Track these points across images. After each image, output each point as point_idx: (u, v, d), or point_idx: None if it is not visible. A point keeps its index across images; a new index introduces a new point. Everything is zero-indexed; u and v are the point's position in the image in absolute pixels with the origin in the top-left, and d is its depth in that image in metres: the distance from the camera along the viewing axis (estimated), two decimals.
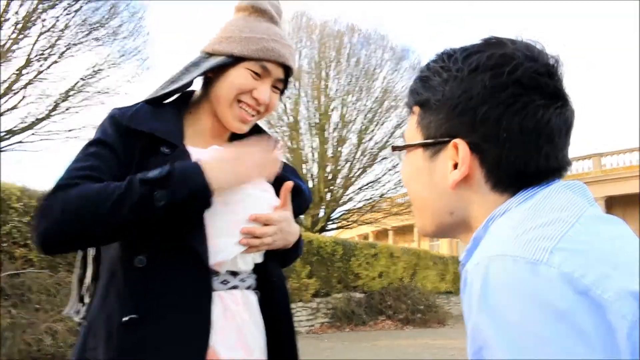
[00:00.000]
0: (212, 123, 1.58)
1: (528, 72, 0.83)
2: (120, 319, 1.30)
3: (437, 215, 0.94)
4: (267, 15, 1.57)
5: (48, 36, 16.09)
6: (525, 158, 0.84)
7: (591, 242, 0.72)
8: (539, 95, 0.83)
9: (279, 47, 1.52)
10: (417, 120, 0.94)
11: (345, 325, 14.26)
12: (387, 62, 24.47)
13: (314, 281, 13.77)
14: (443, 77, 0.89)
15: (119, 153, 1.40)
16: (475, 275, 0.73)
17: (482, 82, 0.84)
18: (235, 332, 1.41)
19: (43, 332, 6.63)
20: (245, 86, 1.50)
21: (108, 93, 17.61)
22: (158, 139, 1.42)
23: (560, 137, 0.85)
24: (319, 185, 22.99)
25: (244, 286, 1.49)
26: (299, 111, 23.58)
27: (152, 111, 1.48)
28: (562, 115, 0.85)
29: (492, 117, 0.83)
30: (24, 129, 16.22)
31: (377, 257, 16.31)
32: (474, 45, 0.90)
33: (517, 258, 0.69)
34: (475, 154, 0.86)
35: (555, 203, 0.80)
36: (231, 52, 1.50)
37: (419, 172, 0.94)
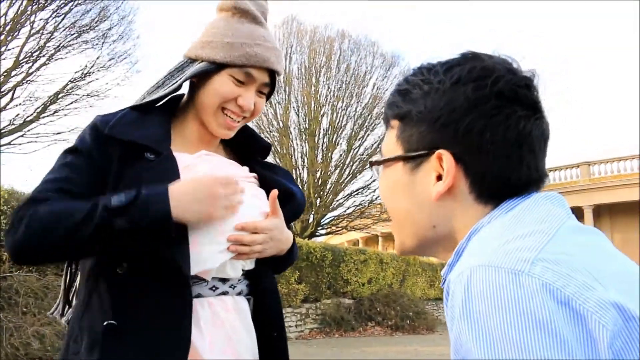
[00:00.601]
0: (199, 128, 1.55)
1: (509, 84, 0.85)
2: (100, 325, 1.30)
3: (418, 229, 0.94)
4: (250, 16, 1.51)
5: (37, 38, 16.03)
6: (509, 168, 0.85)
7: (571, 252, 0.72)
8: (519, 106, 0.85)
9: (263, 52, 1.48)
10: (397, 134, 0.94)
11: (335, 331, 14.24)
12: (377, 68, 24.62)
13: (303, 287, 13.75)
14: (424, 90, 0.90)
15: (95, 161, 1.38)
16: (457, 286, 0.73)
17: (465, 94, 0.85)
18: (225, 338, 1.39)
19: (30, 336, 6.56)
20: (228, 94, 1.47)
21: (97, 96, 17.55)
22: (141, 146, 1.39)
23: (540, 148, 0.87)
24: (309, 191, 22.99)
25: (234, 292, 1.47)
26: (289, 116, 23.62)
27: (136, 118, 1.46)
28: (540, 127, 0.87)
29: (475, 128, 0.84)
30: (12, 131, 16.10)
31: (366, 263, 16.31)
32: (453, 59, 0.91)
33: (499, 268, 0.69)
34: (459, 165, 0.86)
35: (536, 214, 0.81)
36: (213, 58, 1.46)
37: (400, 186, 0.94)
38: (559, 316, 0.64)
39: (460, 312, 0.70)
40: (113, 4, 17.55)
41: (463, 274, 0.73)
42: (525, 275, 0.67)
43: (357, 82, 24.00)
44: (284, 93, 23.59)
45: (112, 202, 1.27)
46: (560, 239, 0.74)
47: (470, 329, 0.68)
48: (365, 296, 16.01)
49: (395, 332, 15.13)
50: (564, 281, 0.67)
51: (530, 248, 0.71)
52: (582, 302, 0.65)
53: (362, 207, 24.62)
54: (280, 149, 23.64)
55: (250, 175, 1.59)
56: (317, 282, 14.51)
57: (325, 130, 23.79)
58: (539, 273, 0.67)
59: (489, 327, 0.66)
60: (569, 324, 0.64)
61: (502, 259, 0.70)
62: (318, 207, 23.39)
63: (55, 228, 1.27)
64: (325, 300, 14.79)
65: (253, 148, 1.68)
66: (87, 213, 1.26)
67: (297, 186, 1.66)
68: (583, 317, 0.64)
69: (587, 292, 0.66)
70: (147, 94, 1.55)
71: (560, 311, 0.65)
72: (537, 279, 0.67)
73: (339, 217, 24.91)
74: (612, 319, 0.65)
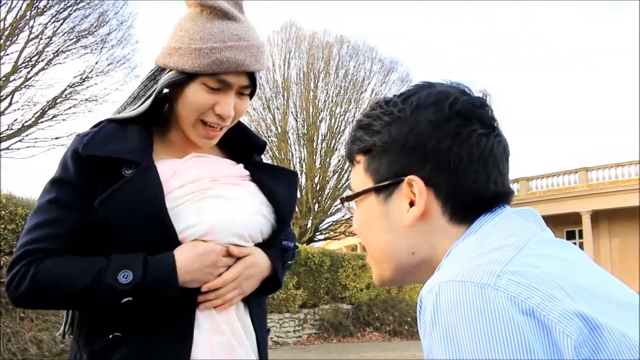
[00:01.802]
0: (183, 137, 1.48)
1: (466, 105, 0.88)
2: (104, 337, 1.30)
3: (397, 257, 0.94)
4: (220, 12, 1.37)
5: (36, 43, 16.05)
6: (477, 184, 0.86)
7: (537, 264, 0.73)
8: (478, 125, 0.87)
9: (236, 55, 1.34)
10: (364, 167, 0.95)
11: (333, 337, 14.22)
12: (375, 74, 24.70)
13: (302, 292, 13.73)
14: (385, 120, 0.92)
15: (79, 187, 1.33)
16: (427, 302, 0.74)
17: (427, 118, 0.88)
18: (225, 345, 1.38)
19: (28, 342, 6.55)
20: (203, 105, 1.37)
21: (96, 101, 17.59)
22: (118, 160, 1.33)
23: (503, 164, 0.90)
24: (307, 196, 23.00)
25: None
26: (287, 122, 23.66)
27: (113, 131, 1.39)
28: (500, 144, 0.89)
29: (442, 149, 0.86)
30: (10, 136, 16.10)
31: (364, 268, 16.29)
32: (408, 90, 0.94)
33: (466, 282, 0.70)
34: (429, 187, 0.87)
35: (504, 230, 0.82)
36: (182, 68, 1.35)
37: (375, 218, 0.95)
38: (525, 327, 0.65)
39: (430, 326, 0.71)
40: (112, 9, 17.59)
41: (432, 290, 0.74)
42: (491, 288, 0.68)
43: (356, 87, 24.04)
44: (282, 98, 23.63)
45: (119, 283, 1.25)
46: (527, 252, 0.76)
47: (440, 343, 0.69)
48: (363, 301, 15.99)
49: (394, 338, 15.11)
50: (529, 293, 0.68)
51: (496, 262, 0.73)
52: (547, 313, 0.66)
53: None
54: (279, 154, 23.65)
55: (244, 174, 1.53)
56: (316, 288, 14.49)
57: (324, 135, 23.82)
58: (504, 286, 0.68)
59: (458, 340, 0.67)
60: (534, 334, 0.65)
61: (469, 273, 0.72)
62: (316, 212, 23.40)
63: (57, 297, 1.29)
64: (324, 305, 14.77)
65: (248, 145, 1.62)
66: (91, 284, 1.26)
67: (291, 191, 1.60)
68: (548, 328, 0.66)
69: (550, 303, 0.67)
70: (126, 104, 1.50)
71: (526, 322, 0.66)
72: (503, 291, 0.68)
73: (337, 223, 24.92)
74: (577, 328, 0.66)
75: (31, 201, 8.37)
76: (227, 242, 1.38)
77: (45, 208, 1.34)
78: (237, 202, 1.43)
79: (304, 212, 23.00)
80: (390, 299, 16.45)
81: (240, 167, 1.55)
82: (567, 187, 27.56)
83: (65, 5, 16.18)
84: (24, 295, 1.28)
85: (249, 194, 1.48)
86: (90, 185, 1.33)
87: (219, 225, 1.37)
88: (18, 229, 7.78)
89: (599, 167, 27.24)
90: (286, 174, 1.64)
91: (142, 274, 1.26)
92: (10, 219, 7.73)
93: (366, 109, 0.98)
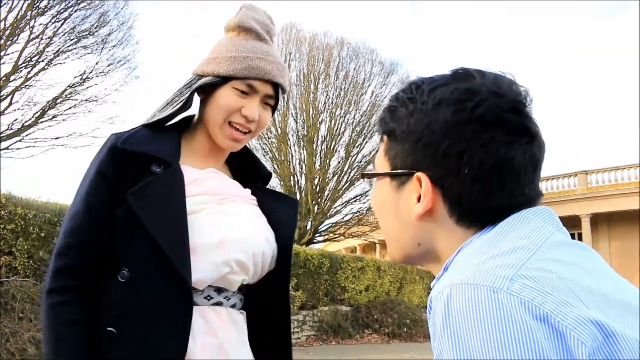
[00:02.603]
0: (207, 143, 1.61)
1: (492, 109, 0.83)
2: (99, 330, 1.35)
3: (403, 245, 0.94)
4: (254, 34, 1.58)
5: (36, 43, 16.03)
6: (487, 194, 0.83)
7: (552, 269, 0.72)
8: (502, 132, 0.82)
9: (265, 64, 1.54)
10: (385, 149, 0.95)
11: (332, 339, 14.22)
12: (375, 76, 24.67)
13: (301, 294, 13.73)
14: (409, 109, 0.90)
15: (112, 180, 1.43)
16: (437, 303, 0.73)
17: (445, 117, 0.84)
18: (217, 348, 1.41)
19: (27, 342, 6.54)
20: (233, 106, 1.53)
21: (96, 101, 17.55)
22: (151, 159, 1.45)
23: (526, 174, 0.85)
24: (307, 198, 22.99)
25: (228, 304, 1.49)
26: (287, 123, 23.65)
27: (149, 134, 1.52)
28: (528, 152, 0.84)
29: (453, 153, 0.83)
30: (10, 136, 16.09)
31: (363, 270, 16.29)
32: (441, 77, 0.91)
33: (478, 286, 0.69)
34: (437, 188, 0.86)
35: (518, 231, 0.80)
36: (217, 72, 1.53)
37: (386, 202, 0.95)
38: (538, 332, 0.64)
39: (441, 329, 0.70)
40: (113, 9, 17.59)
41: (443, 292, 0.72)
42: (504, 292, 0.67)
43: (356, 89, 24.04)
44: (282, 100, 23.59)
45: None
46: (542, 255, 0.74)
47: (451, 347, 0.68)
48: (362, 303, 15.99)
49: (393, 340, 15.10)
50: (542, 298, 0.67)
51: (510, 265, 0.71)
52: (561, 319, 0.65)
53: (359, 214, 24.61)
54: (279, 156, 23.65)
55: (252, 198, 1.64)
56: (315, 289, 14.49)
57: (324, 137, 23.82)
58: (517, 290, 0.67)
59: (470, 345, 0.66)
60: (548, 340, 0.64)
61: (482, 276, 0.70)
62: (316, 214, 23.38)
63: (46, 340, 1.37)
64: (323, 307, 14.76)
65: (255, 174, 1.74)
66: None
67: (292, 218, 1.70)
68: (562, 334, 0.64)
69: (565, 309, 0.66)
70: (157, 111, 1.61)
71: (539, 328, 0.65)
72: (516, 296, 0.67)
73: (337, 224, 24.90)
74: (591, 335, 0.64)
75: (30, 201, 8.37)
76: (235, 257, 1.45)
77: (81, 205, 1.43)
78: (246, 220, 1.53)
79: (303, 213, 22.98)
80: (389, 301, 16.45)
81: (247, 191, 1.65)
82: (566, 190, 27.58)
83: (66, 5, 16.18)
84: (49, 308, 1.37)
85: (256, 215, 1.58)
86: (123, 179, 1.43)
87: (229, 239, 1.45)
88: (17, 228, 7.78)
89: (598, 170, 27.27)
90: (288, 200, 1.76)
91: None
92: (9, 219, 7.73)
93: (401, 87, 0.96)
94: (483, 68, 0.91)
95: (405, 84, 0.96)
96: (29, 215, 8.02)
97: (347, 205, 24.59)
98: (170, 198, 1.42)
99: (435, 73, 0.94)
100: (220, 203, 1.51)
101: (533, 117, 0.87)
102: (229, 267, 1.44)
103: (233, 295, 1.51)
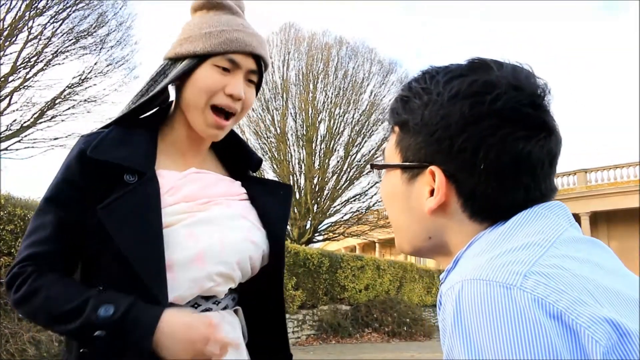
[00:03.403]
0: (188, 133, 1.49)
1: (510, 103, 0.81)
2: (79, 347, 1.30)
3: (413, 237, 0.93)
4: (225, 8, 1.47)
5: (35, 44, 16.02)
6: (502, 190, 0.82)
7: (565, 266, 0.71)
8: (520, 127, 0.81)
9: (244, 36, 1.42)
10: (397, 140, 0.93)
11: (332, 338, 14.21)
12: (374, 75, 24.67)
13: (300, 293, 13.72)
14: (423, 100, 0.87)
15: (82, 188, 1.34)
16: (448, 298, 0.72)
17: (461, 110, 0.82)
18: None
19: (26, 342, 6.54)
20: (215, 85, 1.40)
21: (95, 102, 17.53)
22: (122, 167, 1.34)
23: (542, 169, 0.83)
24: (306, 197, 22.99)
25: (218, 308, 1.43)
26: (286, 123, 23.64)
27: (120, 136, 1.40)
28: (545, 147, 0.82)
29: (469, 148, 0.81)
30: (9, 137, 16.08)
31: (363, 269, 16.29)
32: (458, 67, 0.88)
33: (491, 282, 0.68)
34: (451, 182, 0.84)
35: (531, 227, 0.79)
36: (194, 51, 1.41)
37: (397, 194, 0.93)
38: (552, 330, 0.63)
39: (451, 325, 0.69)
40: (111, 10, 17.58)
41: (454, 287, 0.71)
42: (517, 289, 0.66)
43: (355, 88, 24.03)
44: (281, 99, 23.62)
45: (99, 314, 1.23)
46: (555, 252, 0.73)
47: (463, 343, 0.67)
48: (362, 302, 15.98)
49: (392, 339, 15.11)
50: (557, 296, 0.66)
51: (523, 261, 0.70)
52: (575, 317, 0.64)
53: (359, 214, 24.62)
54: (278, 155, 23.65)
55: (241, 192, 1.54)
56: (314, 289, 14.48)
57: (323, 136, 23.80)
58: (531, 287, 0.66)
59: (481, 341, 0.65)
60: (561, 338, 0.63)
61: (495, 272, 0.69)
62: (315, 213, 23.38)
63: (46, 313, 1.28)
64: (322, 306, 14.76)
65: (244, 161, 1.64)
66: (76, 309, 1.25)
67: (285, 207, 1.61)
68: (576, 332, 0.64)
69: (580, 307, 0.65)
70: (131, 103, 1.48)
71: (553, 326, 0.64)
72: (529, 293, 0.66)
73: (336, 224, 24.89)
74: (606, 334, 0.64)
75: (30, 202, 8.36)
76: (215, 270, 1.36)
77: (47, 209, 1.35)
78: (227, 226, 1.42)
79: (302, 213, 22.99)
80: (389, 300, 16.46)
81: (237, 185, 1.56)
82: (565, 188, 27.58)
83: (64, 5, 16.16)
84: (18, 300, 1.30)
85: (242, 216, 1.47)
86: (93, 188, 1.32)
87: (208, 251, 1.35)
88: (17, 229, 7.77)
89: (597, 169, 27.28)
90: (281, 188, 1.65)
91: (122, 312, 1.23)
92: (8, 220, 7.72)
93: (413, 77, 0.93)
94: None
95: (419, 72, 0.93)
96: (28, 216, 8.00)
97: (347, 204, 24.59)
98: (143, 213, 1.31)
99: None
100: (200, 209, 1.40)
101: (550, 111, 0.85)
102: (211, 281, 1.36)
103: (223, 298, 1.44)
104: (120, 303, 1.24)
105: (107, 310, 1.22)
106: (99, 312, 1.22)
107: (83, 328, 1.23)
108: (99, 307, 1.23)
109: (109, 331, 1.21)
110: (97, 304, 1.24)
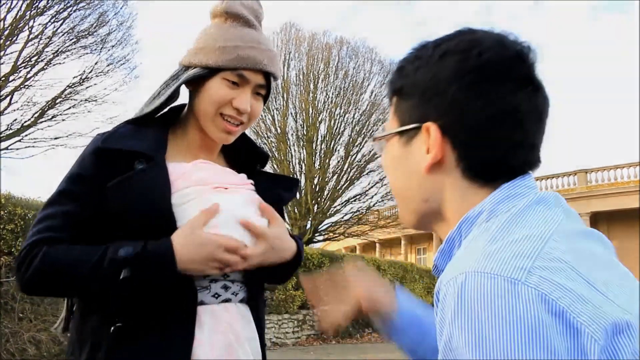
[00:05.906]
0: (200, 136, 1.56)
1: (495, 56, 0.84)
2: (107, 329, 1.32)
3: (412, 202, 0.94)
4: (242, 20, 1.52)
5: (35, 43, 16.02)
6: (492, 143, 0.84)
7: (567, 259, 0.71)
8: (506, 79, 0.83)
9: (256, 54, 1.48)
10: (393, 109, 0.96)
11: (332, 338, 14.20)
12: (375, 75, 24.67)
13: (301, 293, 13.71)
14: (415, 65, 0.91)
15: (94, 181, 1.39)
16: (449, 289, 0.72)
17: (450, 65, 0.85)
18: (225, 345, 1.39)
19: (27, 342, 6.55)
20: (223, 98, 1.47)
21: (95, 101, 17.54)
22: (134, 156, 1.41)
23: (531, 123, 0.85)
24: (307, 197, 22.99)
25: (236, 300, 1.47)
26: (286, 123, 23.65)
27: (132, 130, 1.48)
28: (533, 100, 0.84)
29: (458, 100, 0.83)
30: (9, 136, 16.08)
31: None
32: (446, 35, 0.91)
33: (495, 276, 0.68)
34: (446, 137, 0.86)
35: (530, 219, 0.79)
36: (206, 64, 1.47)
37: (396, 160, 0.95)
38: (552, 328, 0.64)
39: (452, 316, 0.69)
40: (112, 9, 17.59)
41: (457, 279, 0.71)
42: (522, 284, 0.66)
43: (355, 89, 24.03)
44: (281, 100, 23.61)
45: (119, 254, 1.30)
46: (554, 245, 0.73)
47: (463, 335, 0.67)
48: None
49: None
50: (560, 293, 0.66)
51: (525, 255, 0.70)
52: (576, 315, 0.65)
53: (359, 214, 24.62)
54: (278, 155, 23.64)
55: (247, 182, 1.59)
56: None
57: (323, 136, 23.81)
58: (536, 283, 0.66)
59: (483, 334, 0.65)
60: (561, 336, 0.64)
61: (498, 265, 0.69)
62: (315, 213, 23.38)
63: (65, 276, 1.32)
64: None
65: (252, 157, 1.70)
66: (95, 264, 1.30)
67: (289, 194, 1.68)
68: (577, 330, 0.64)
69: (581, 306, 0.66)
70: (144, 105, 1.55)
71: (554, 323, 0.64)
72: (534, 289, 0.66)
73: (337, 224, 24.89)
74: (605, 332, 0.65)
75: (30, 201, 8.37)
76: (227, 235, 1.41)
77: (58, 200, 1.40)
78: (238, 204, 1.47)
79: (303, 213, 22.99)
80: None
81: (242, 175, 1.61)
82: (566, 188, 27.60)
83: (65, 5, 16.17)
84: (33, 275, 1.32)
85: (250, 200, 1.52)
86: (105, 180, 1.38)
87: (220, 221, 1.40)
88: (17, 229, 7.78)
89: (598, 169, 27.29)
90: (287, 180, 1.73)
91: (141, 247, 1.31)
92: (9, 219, 7.73)
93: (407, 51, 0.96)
94: None
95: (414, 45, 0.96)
96: (28, 215, 8.01)
97: (347, 204, 24.59)
98: (152, 192, 1.38)
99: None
100: (212, 192, 1.46)
101: (537, 67, 0.87)
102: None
103: (240, 289, 1.49)
104: (135, 244, 1.32)
105: (127, 251, 1.30)
106: (119, 253, 1.30)
107: (108, 274, 1.29)
108: (118, 250, 1.31)
109: (134, 267, 1.29)
110: (115, 249, 1.31)
